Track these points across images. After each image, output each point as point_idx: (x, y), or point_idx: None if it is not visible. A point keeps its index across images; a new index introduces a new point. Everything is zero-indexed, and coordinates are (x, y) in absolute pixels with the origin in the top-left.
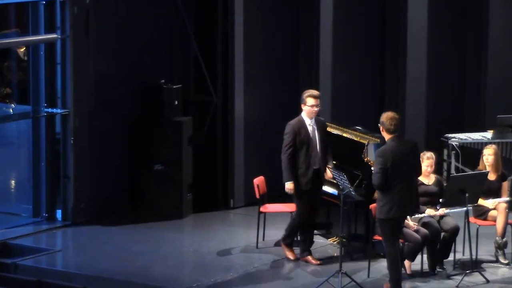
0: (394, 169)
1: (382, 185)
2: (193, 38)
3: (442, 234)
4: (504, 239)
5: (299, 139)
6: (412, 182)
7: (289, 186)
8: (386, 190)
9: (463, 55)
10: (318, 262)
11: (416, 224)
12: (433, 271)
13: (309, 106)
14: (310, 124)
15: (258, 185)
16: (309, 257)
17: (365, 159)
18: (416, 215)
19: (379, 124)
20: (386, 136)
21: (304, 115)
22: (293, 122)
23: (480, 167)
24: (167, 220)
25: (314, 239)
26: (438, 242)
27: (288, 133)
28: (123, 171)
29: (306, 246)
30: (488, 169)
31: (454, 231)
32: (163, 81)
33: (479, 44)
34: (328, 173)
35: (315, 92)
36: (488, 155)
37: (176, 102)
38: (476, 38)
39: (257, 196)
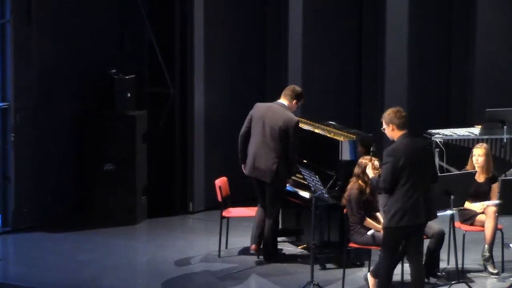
0: (405, 170)
1: (393, 188)
2: (147, 22)
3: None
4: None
5: None
6: (427, 186)
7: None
8: (397, 194)
9: (448, 43)
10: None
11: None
12: (428, 279)
13: (298, 105)
14: None
15: (220, 187)
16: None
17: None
18: None
19: (384, 126)
20: (396, 134)
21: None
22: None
23: (468, 167)
24: (119, 226)
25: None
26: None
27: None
28: (70, 171)
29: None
30: (477, 170)
31: (439, 238)
32: (114, 70)
33: (466, 31)
34: None
35: None
36: (478, 156)
37: (129, 94)
38: (463, 26)
39: (219, 199)
